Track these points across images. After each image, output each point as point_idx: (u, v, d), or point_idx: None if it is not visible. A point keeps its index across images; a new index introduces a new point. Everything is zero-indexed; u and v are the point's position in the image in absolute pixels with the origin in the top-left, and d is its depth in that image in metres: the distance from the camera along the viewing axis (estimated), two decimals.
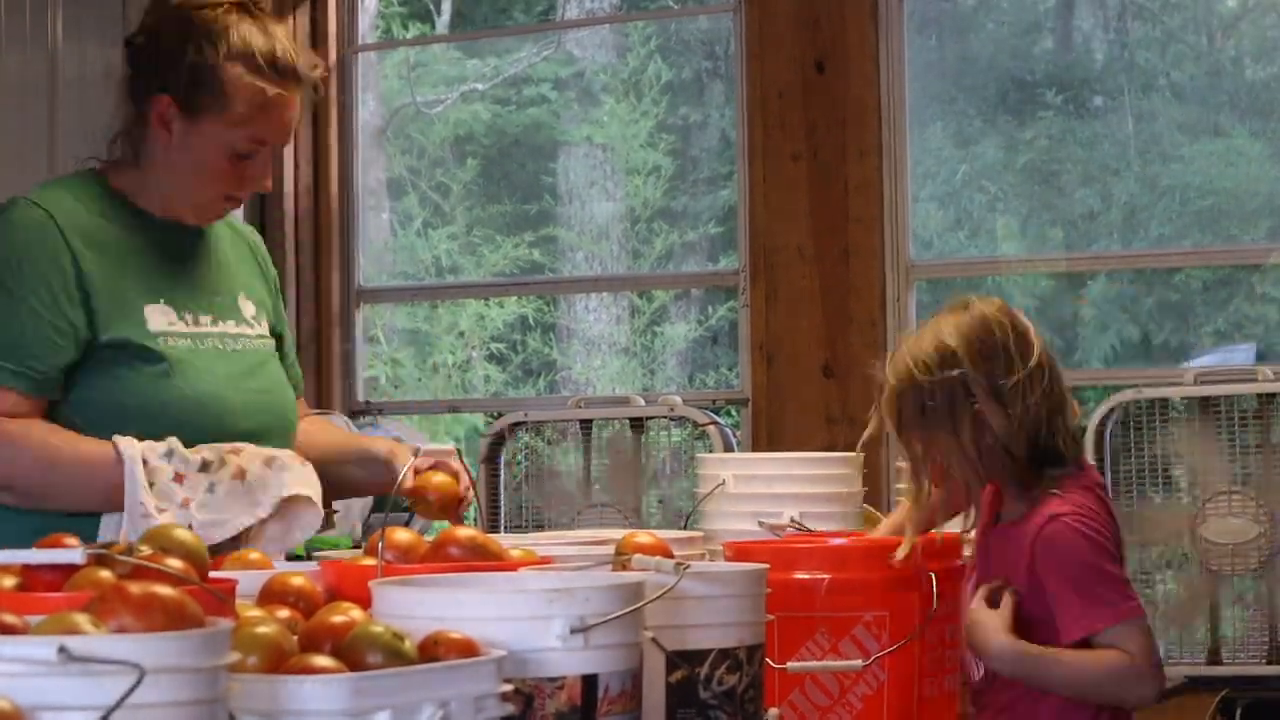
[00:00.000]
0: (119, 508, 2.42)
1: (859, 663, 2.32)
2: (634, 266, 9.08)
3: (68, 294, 2.48)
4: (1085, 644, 2.33)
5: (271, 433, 2.61)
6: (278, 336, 2.75)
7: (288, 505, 2.49)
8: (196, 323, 2.59)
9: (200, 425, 2.51)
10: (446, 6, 9.50)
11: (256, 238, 2.83)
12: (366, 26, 6.66)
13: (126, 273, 2.55)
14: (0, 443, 2.44)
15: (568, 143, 9.46)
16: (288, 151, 5.30)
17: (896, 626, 2.34)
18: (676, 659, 1.92)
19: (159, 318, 2.55)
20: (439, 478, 2.44)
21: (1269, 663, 3.88)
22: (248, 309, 2.69)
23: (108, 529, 2.43)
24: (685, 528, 2.89)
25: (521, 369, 9.38)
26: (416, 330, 9.43)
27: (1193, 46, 8.77)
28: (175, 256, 2.62)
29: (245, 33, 2.53)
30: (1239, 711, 3.81)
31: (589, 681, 1.73)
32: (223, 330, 2.62)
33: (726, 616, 1.97)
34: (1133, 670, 2.32)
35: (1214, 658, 3.91)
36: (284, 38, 2.57)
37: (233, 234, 2.76)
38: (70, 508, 2.43)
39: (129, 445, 2.43)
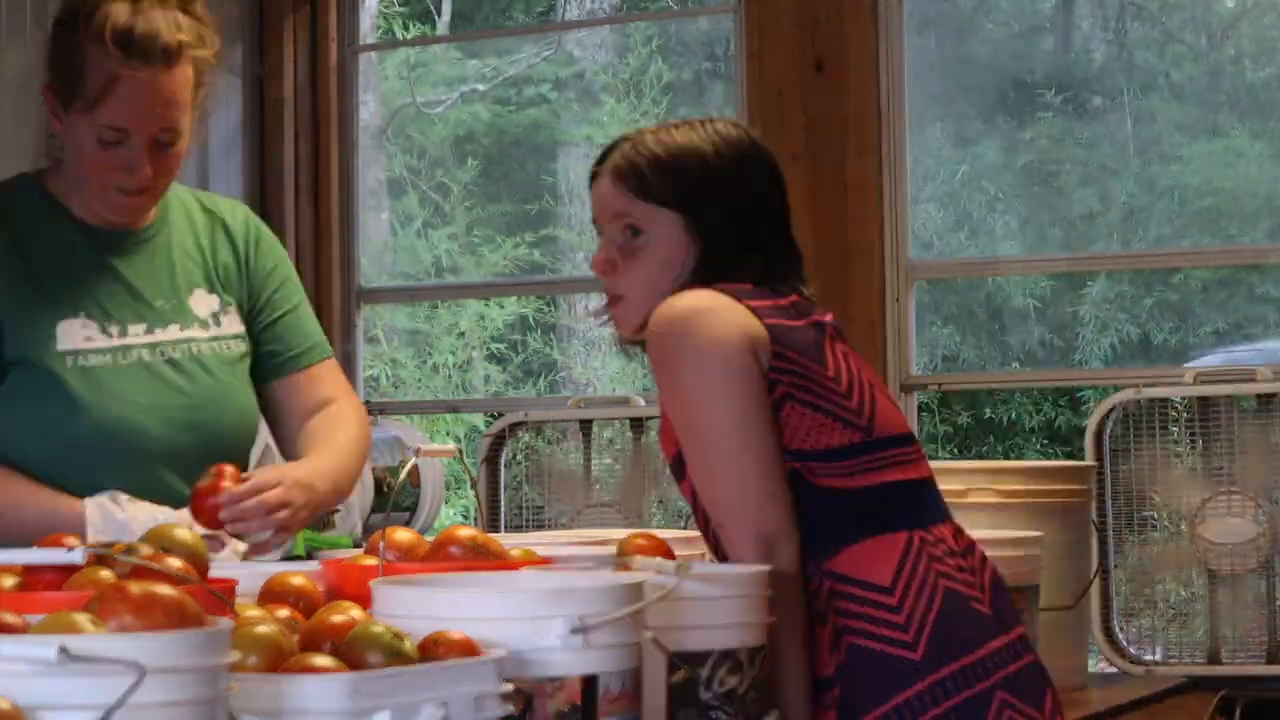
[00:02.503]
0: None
1: None
2: None
3: None
4: None
5: (197, 453, 2.47)
6: (266, 303, 2.60)
7: None
8: (124, 333, 2.48)
9: (111, 452, 2.43)
10: (447, 7, 9.51)
11: (229, 208, 2.66)
12: (367, 27, 6.66)
13: (45, 287, 2.46)
14: None
15: (568, 143, 9.46)
16: (288, 151, 5.30)
17: None
18: (678, 660, 1.92)
19: (76, 334, 2.45)
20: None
21: (1269, 663, 3.88)
22: (205, 306, 2.56)
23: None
24: (685, 528, 2.89)
25: (521, 369, 9.38)
26: (417, 330, 9.43)
27: (1192, 47, 8.78)
28: (107, 263, 2.50)
29: (110, 11, 2.38)
30: (1238, 711, 3.81)
31: (589, 681, 1.73)
32: (159, 339, 2.50)
33: (728, 617, 1.98)
34: None
35: (1213, 657, 3.91)
36: (159, 16, 2.40)
37: (203, 222, 2.61)
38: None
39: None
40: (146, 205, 2.52)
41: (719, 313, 2.13)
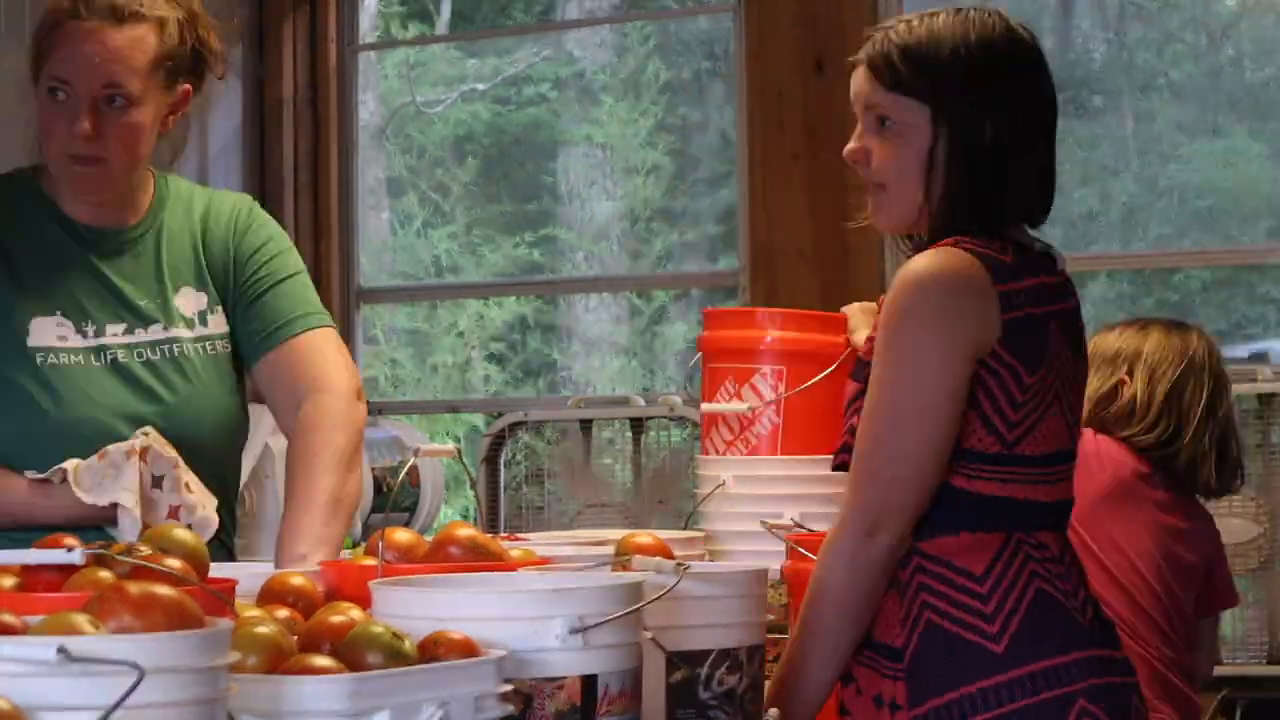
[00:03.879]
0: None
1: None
2: (633, 266, 9.08)
3: None
4: None
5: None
6: (255, 279, 2.54)
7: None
8: (101, 333, 2.46)
9: (77, 452, 2.39)
10: (446, 6, 9.50)
11: (229, 203, 2.61)
12: (366, 26, 6.66)
13: (22, 283, 2.45)
14: None
15: (567, 142, 9.46)
16: (288, 151, 5.30)
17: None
18: (677, 659, 1.93)
19: (49, 332, 2.43)
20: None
21: (1269, 663, 3.88)
22: (189, 306, 2.53)
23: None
24: (685, 528, 2.90)
25: (521, 369, 9.38)
26: (416, 330, 9.43)
27: (1192, 47, 8.77)
28: (90, 263, 2.49)
29: None
30: (1239, 711, 3.81)
31: (588, 681, 1.73)
32: (138, 340, 2.47)
33: (727, 617, 1.99)
34: None
35: None
36: None
37: (201, 216, 2.58)
38: None
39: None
40: (103, 181, 2.47)
41: (962, 298, 2.08)
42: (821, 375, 2.74)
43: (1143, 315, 3.36)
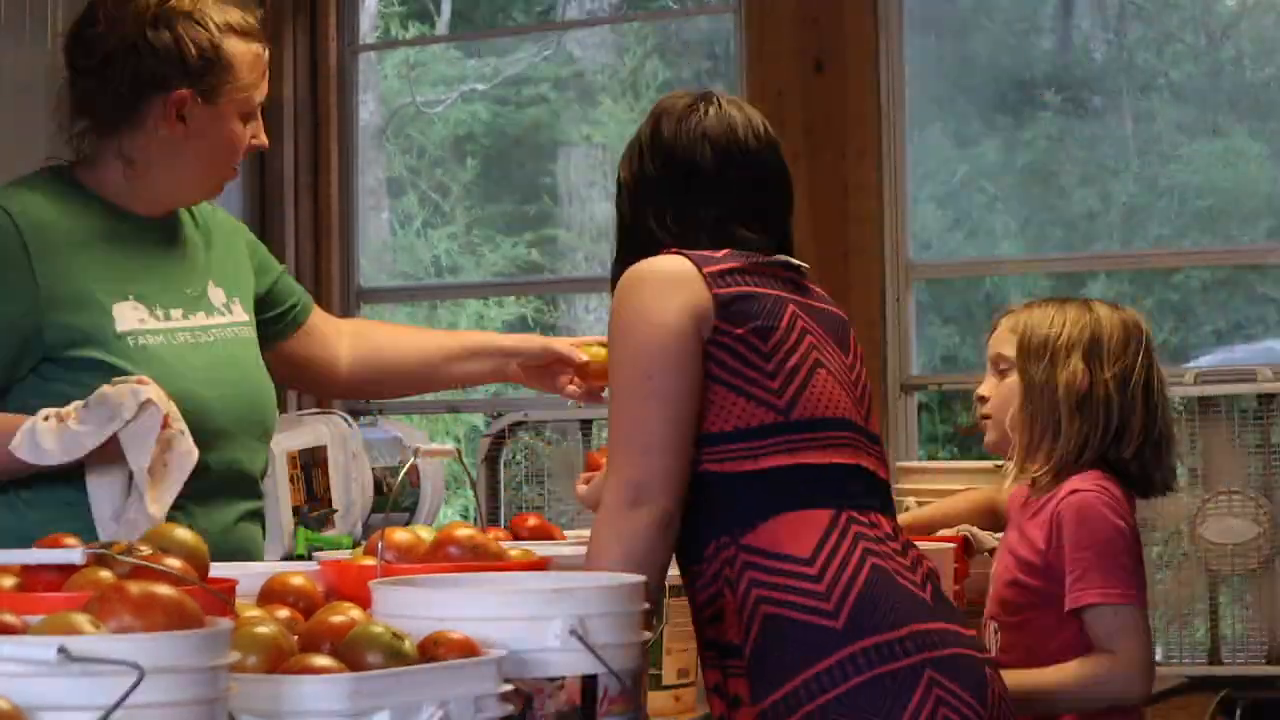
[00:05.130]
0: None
1: None
2: None
3: (16, 307, 2.46)
4: (1077, 619, 2.46)
5: (246, 428, 2.59)
6: (264, 271, 2.76)
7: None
8: (169, 317, 2.56)
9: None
10: (446, 7, 9.50)
11: (221, 215, 2.78)
12: (366, 27, 6.66)
13: (95, 272, 2.51)
14: None
15: (567, 143, 9.46)
16: (288, 151, 5.30)
17: None
18: None
19: (130, 315, 2.52)
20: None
21: (1269, 663, 3.88)
22: (218, 297, 2.65)
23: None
24: None
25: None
26: None
27: (1192, 47, 8.78)
28: (144, 252, 2.59)
29: (213, 10, 2.60)
30: (1239, 712, 3.81)
31: (589, 681, 1.73)
32: (194, 324, 2.58)
33: None
34: (1120, 671, 2.40)
35: (1214, 658, 3.91)
36: (233, 6, 2.64)
37: (191, 219, 2.70)
38: None
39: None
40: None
41: (669, 285, 2.18)
42: None
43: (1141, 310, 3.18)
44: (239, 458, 2.57)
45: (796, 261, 2.33)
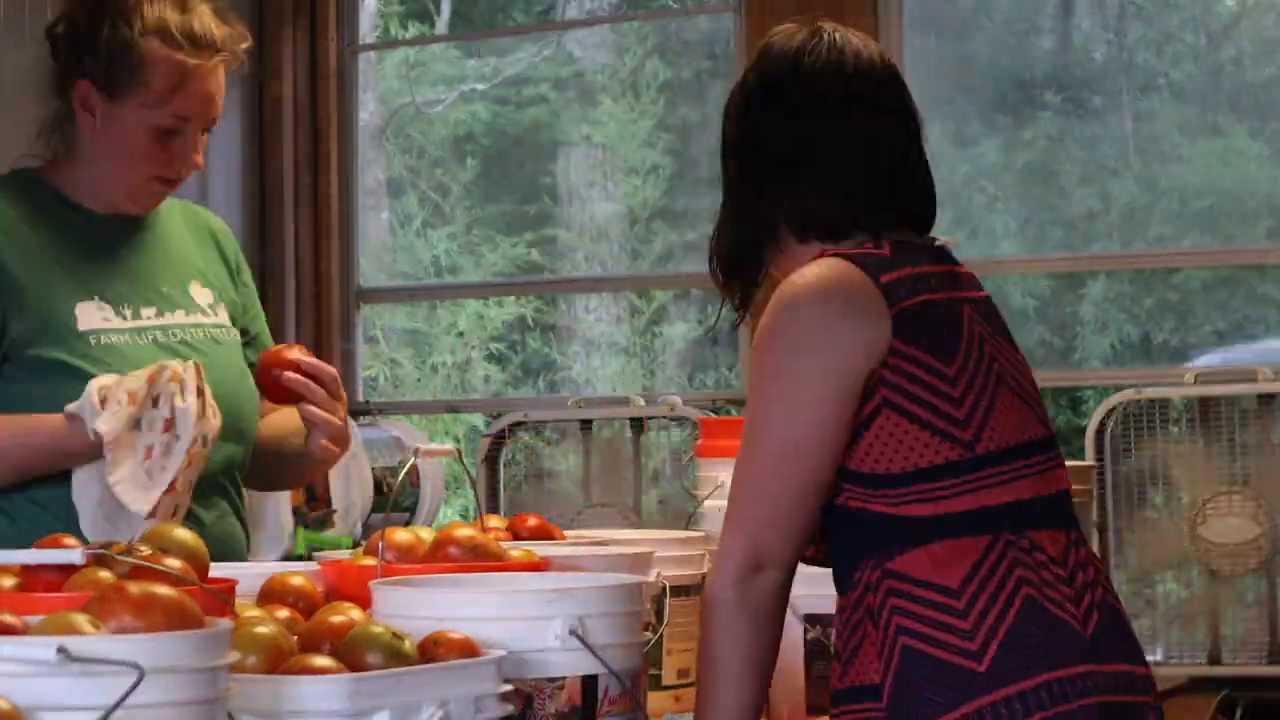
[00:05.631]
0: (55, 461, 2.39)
1: None
2: (633, 266, 9.08)
3: None
4: None
5: (224, 428, 2.50)
6: (243, 329, 2.67)
7: None
8: (137, 316, 2.53)
9: None
10: (446, 6, 9.50)
11: (219, 223, 2.75)
12: (366, 26, 6.66)
13: (57, 273, 2.49)
14: None
15: (567, 143, 9.45)
16: (287, 151, 5.30)
17: None
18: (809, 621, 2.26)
19: (93, 314, 2.49)
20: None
21: (1269, 663, 3.88)
22: (203, 296, 2.61)
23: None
24: (686, 527, 2.90)
25: (521, 369, 9.38)
26: (416, 330, 9.42)
27: (1191, 46, 8.77)
28: (114, 251, 2.56)
29: (159, 8, 2.49)
30: (1239, 712, 3.80)
31: (589, 682, 1.73)
32: (168, 322, 2.54)
33: None
34: None
35: (1214, 658, 3.91)
36: (203, 11, 2.53)
37: (189, 219, 2.69)
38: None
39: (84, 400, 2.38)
40: (169, 195, 2.61)
41: (837, 310, 1.91)
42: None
43: (1141, 316, 3.05)
44: (218, 455, 2.49)
45: (943, 240, 2.08)
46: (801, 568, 1.98)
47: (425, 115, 9.17)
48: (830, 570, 2.03)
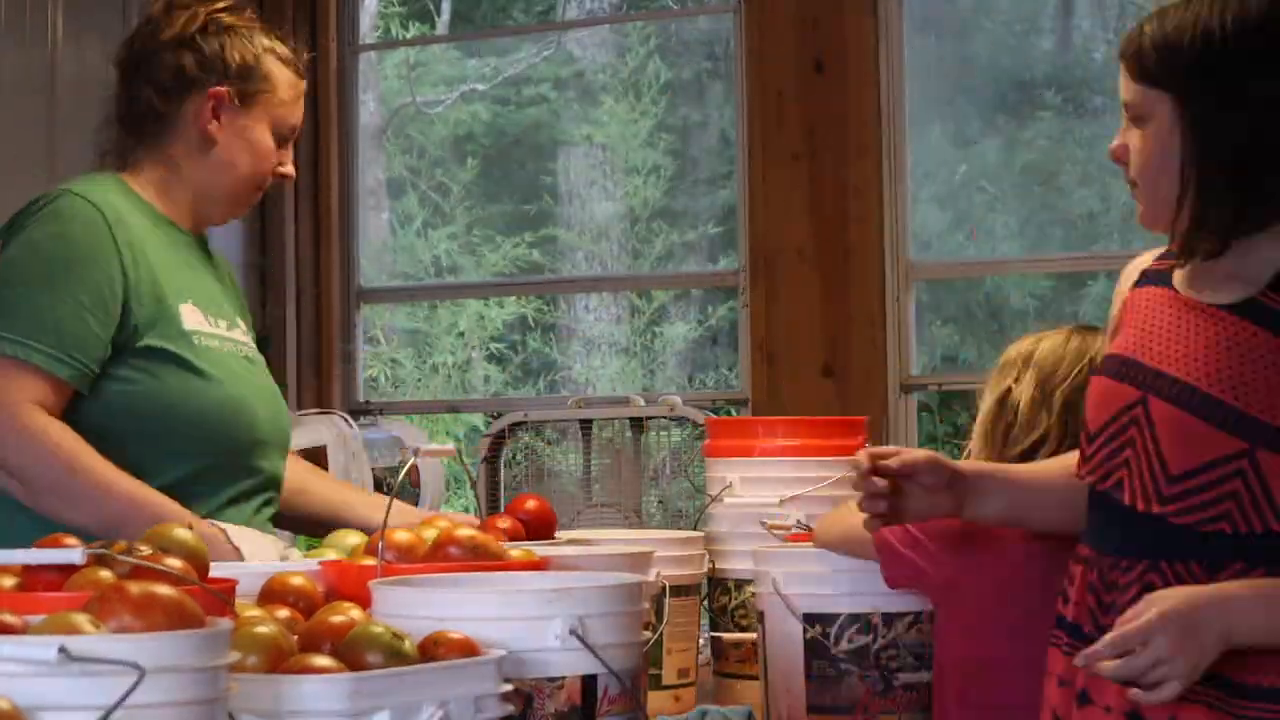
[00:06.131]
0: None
1: None
2: (634, 266, 9.08)
3: (112, 293, 2.51)
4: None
5: (278, 438, 2.69)
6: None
7: None
8: (217, 325, 2.65)
9: (232, 428, 2.57)
10: (446, 6, 9.51)
11: (226, 263, 2.90)
12: (366, 26, 6.66)
13: (162, 273, 2.59)
14: (37, 438, 2.41)
15: (567, 143, 9.46)
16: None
17: None
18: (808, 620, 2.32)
19: (193, 316, 2.60)
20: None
21: None
22: (242, 320, 2.77)
23: None
24: (696, 528, 2.91)
25: (521, 369, 9.38)
26: (416, 330, 9.42)
27: None
28: (194, 263, 2.70)
29: (262, 34, 2.81)
30: None
31: (588, 681, 1.73)
32: (236, 337, 2.69)
33: (855, 586, 2.31)
34: None
35: None
36: (279, 42, 2.83)
37: (214, 256, 2.83)
38: (70, 520, 2.39)
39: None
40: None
41: None
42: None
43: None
44: (276, 465, 2.67)
45: None
46: (801, 567, 1.99)
47: (425, 115, 9.17)
48: (830, 571, 2.03)
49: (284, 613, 1.80)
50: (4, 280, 2.51)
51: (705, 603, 2.82)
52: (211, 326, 2.63)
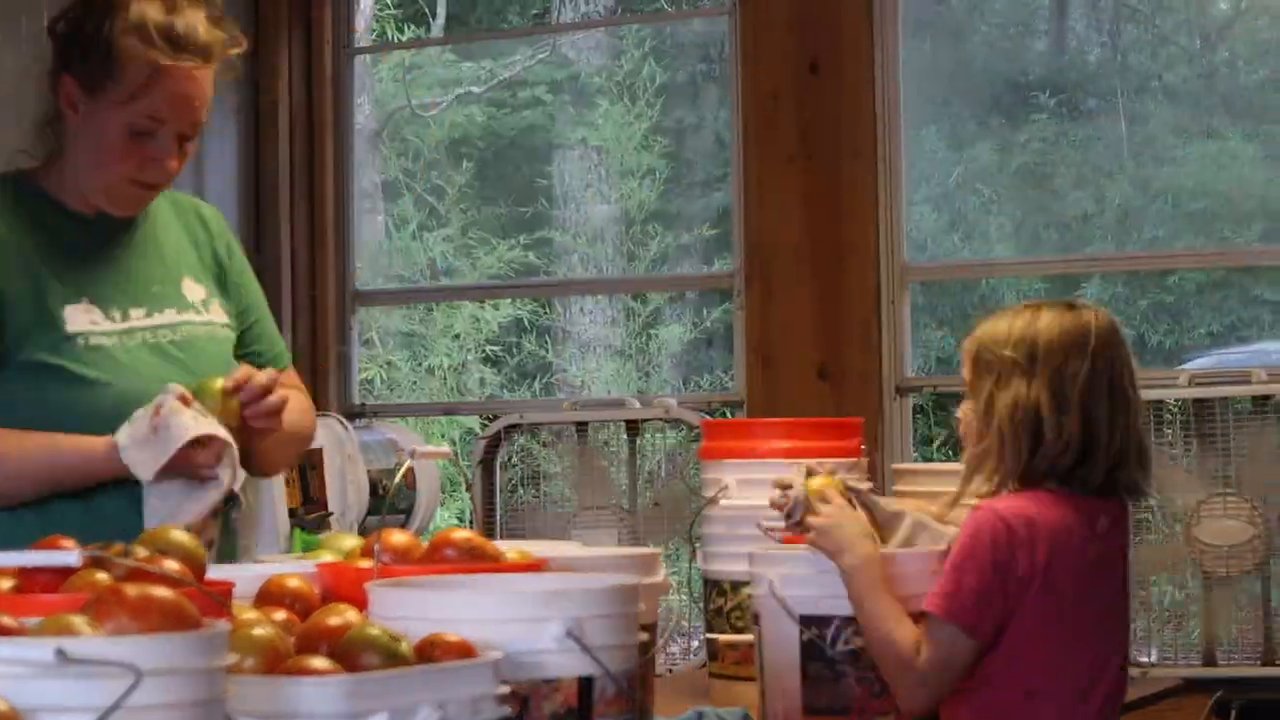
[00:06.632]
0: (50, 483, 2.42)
1: None
2: (629, 269, 9.09)
3: None
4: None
5: None
6: (243, 310, 2.69)
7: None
8: (126, 317, 2.53)
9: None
10: (441, 10, 9.51)
11: (208, 209, 2.74)
12: (361, 29, 6.66)
13: (46, 276, 2.50)
14: None
15: (562, 145, 9.46)
16: (283, 154, 5.30)
17: None
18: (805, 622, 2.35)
19: (81, 317, 2.50)
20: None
21: (1264, 664, 3.88)
22: (195, 293, 2.62)
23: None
24: (692, 530, 2.91)
25: (516, 371, 9.38)
26: (412, 333, 9.43)
27: (1185, 49, 8.79)
28: (104, 252, 2.56)
29: (144, 7, 2.46)
30: (1233, 713, 3.81)
31: (585, 683, 1.73)
32: (158, 322, 2.55)
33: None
34: (908, 665, 2.30)
35: (1209, 659, 3.91)
36: (191, 13, 2.49)
37: (178, 210, 2.68)
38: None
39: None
40: (151, 200, 2.59)
41: None
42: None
43: (1135, 318, 2.93)
44: None
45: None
46: (799, 568, 2.00)
47: (421, 118, 9.17)
48: (827, 573, 2.04)
49: (281, 614, 1.80)
50: None
51: (700, 604, 2.83)
52: (114, 322, 2.51)
